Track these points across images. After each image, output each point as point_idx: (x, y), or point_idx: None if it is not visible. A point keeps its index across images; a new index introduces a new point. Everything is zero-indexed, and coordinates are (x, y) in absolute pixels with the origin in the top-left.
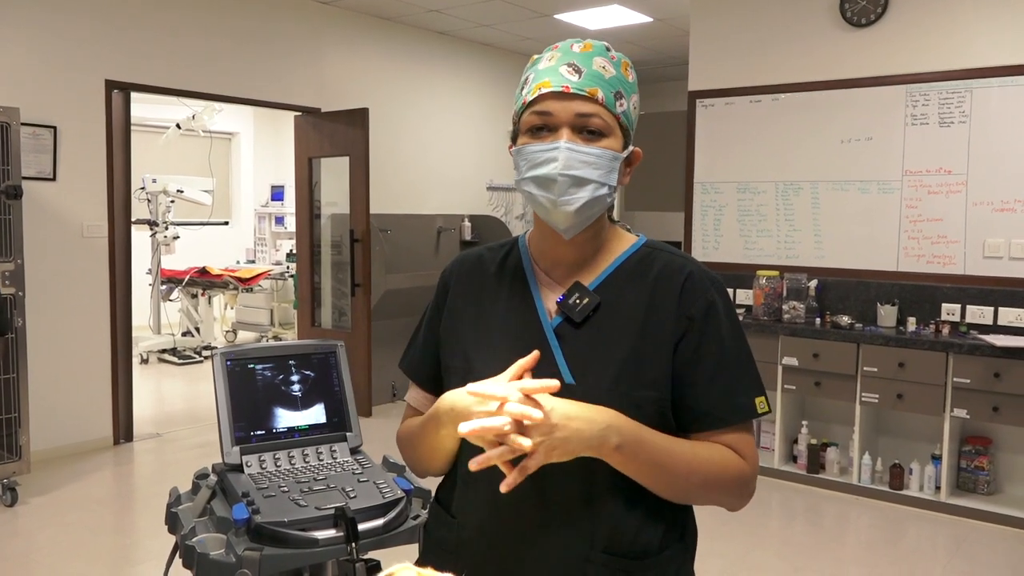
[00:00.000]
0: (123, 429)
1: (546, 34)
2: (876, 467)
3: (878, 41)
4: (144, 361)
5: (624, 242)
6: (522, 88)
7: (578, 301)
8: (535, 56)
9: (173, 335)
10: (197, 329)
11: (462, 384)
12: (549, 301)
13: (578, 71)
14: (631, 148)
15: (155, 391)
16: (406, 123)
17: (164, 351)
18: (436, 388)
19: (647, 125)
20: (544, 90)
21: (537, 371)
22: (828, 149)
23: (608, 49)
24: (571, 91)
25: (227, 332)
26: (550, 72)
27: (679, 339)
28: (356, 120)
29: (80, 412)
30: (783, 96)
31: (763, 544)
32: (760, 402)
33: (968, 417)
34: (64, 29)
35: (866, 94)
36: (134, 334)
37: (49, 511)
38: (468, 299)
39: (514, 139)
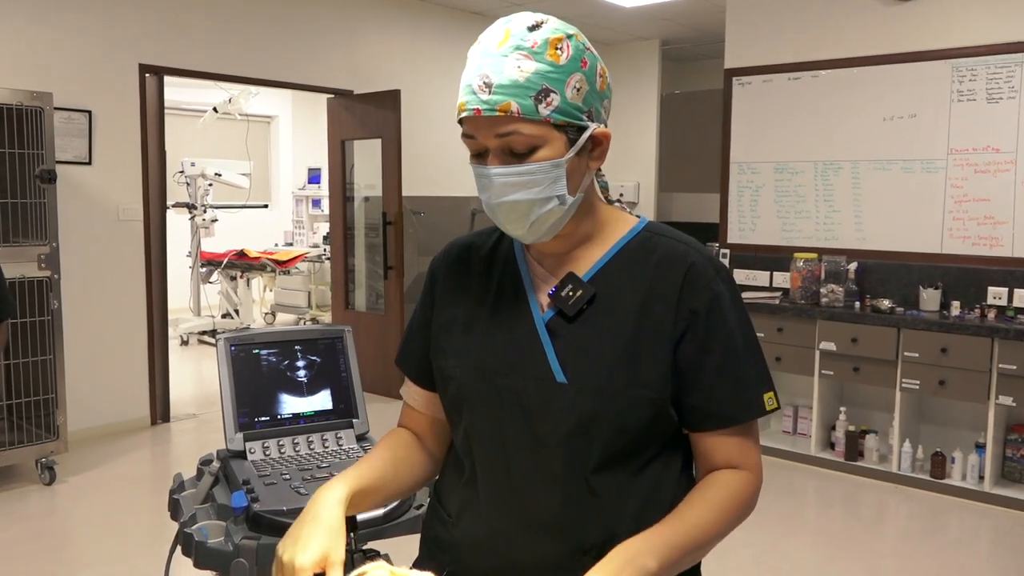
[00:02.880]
0: (160, 409)
1: (581, 12)
2: (917, 455)
3: (923, 14)
4: (184, 343)
5: (623, 225)
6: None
7: (571, 293)
8: (476, 41)
9: (213, 317)
10: (236, 311)
11: (454, 384)
12: (541, 293)
13: (488, 85)
14: (586, 135)
15: (195, 372)
16: (439, 104)
17: (204, 333)
18: (431, 383)
19: (683, 104)
20: (463, 113)
21: (527, 368)
22: (870, 127)
23: (532, 29)
24: (482, 113)
25: (266, 314)
26: (466, 89)
27: (681, 335)
28: (388, 102)
29: (117, 393)
30: (823, 73)
31: (797, 533)
32: (768, 398)
33: (1014, 405)
34: (97, 13)
35: (910, 70)
36: (175, 316)
37: (86, 490)
38: (457, 292)
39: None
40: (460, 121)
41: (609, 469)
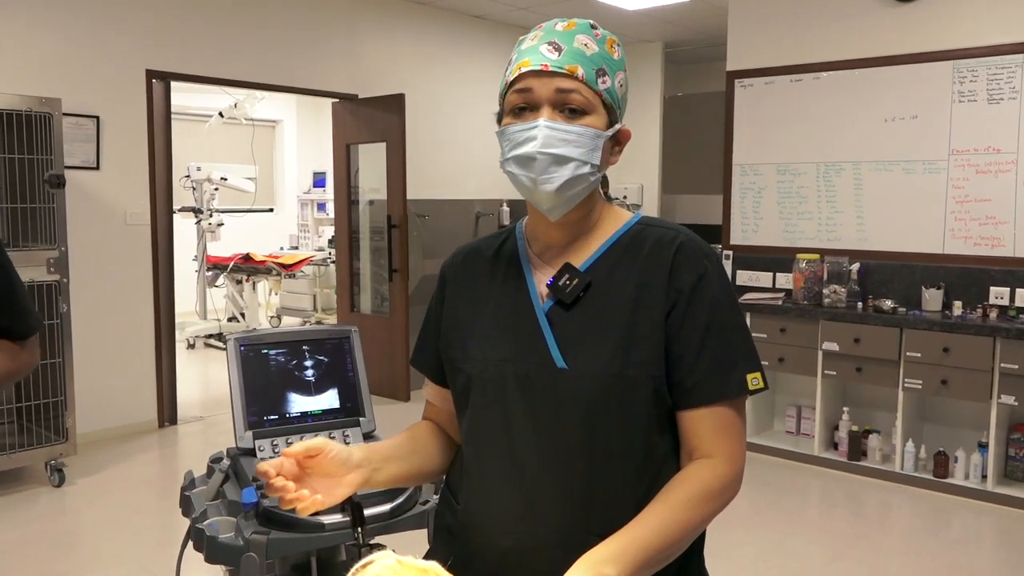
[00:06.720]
0: (167, 412)
1: (584, 15)
2: (919, 454)
3: (925, 16)
4: (191, 346)
5: (618, 220)
6: (507, 69)
7: (568, 282)
8: (521, 37)
9: (219, 320)
10: (242, 314)
11: (463, 374)
12: (542, 285)
13: (558, 49)
14: (618, 126)
15: (201, 375)
16: (443, 108)
17: (210, 336)
18: (445, 379)
19: (685, 106)
20: (524, 69)
21: (529, 356)
22: (872, 128)
23: (593, 27)
24: (550, 69)
25: (271, 318)
26: (531, 51)
27: (669, 312)
28: (393, 106)
29: (125, 396)
30: (825, 75)
31: (801, 532)
32: (753, 378)
33: (1016, 404)
34: (105, 19)
35: (912, 71)
36: (181, 320)
37: (95, 491)
38: (465, 290)
39: (500, 120)
40: (513, 81)
41: (611, 453)
